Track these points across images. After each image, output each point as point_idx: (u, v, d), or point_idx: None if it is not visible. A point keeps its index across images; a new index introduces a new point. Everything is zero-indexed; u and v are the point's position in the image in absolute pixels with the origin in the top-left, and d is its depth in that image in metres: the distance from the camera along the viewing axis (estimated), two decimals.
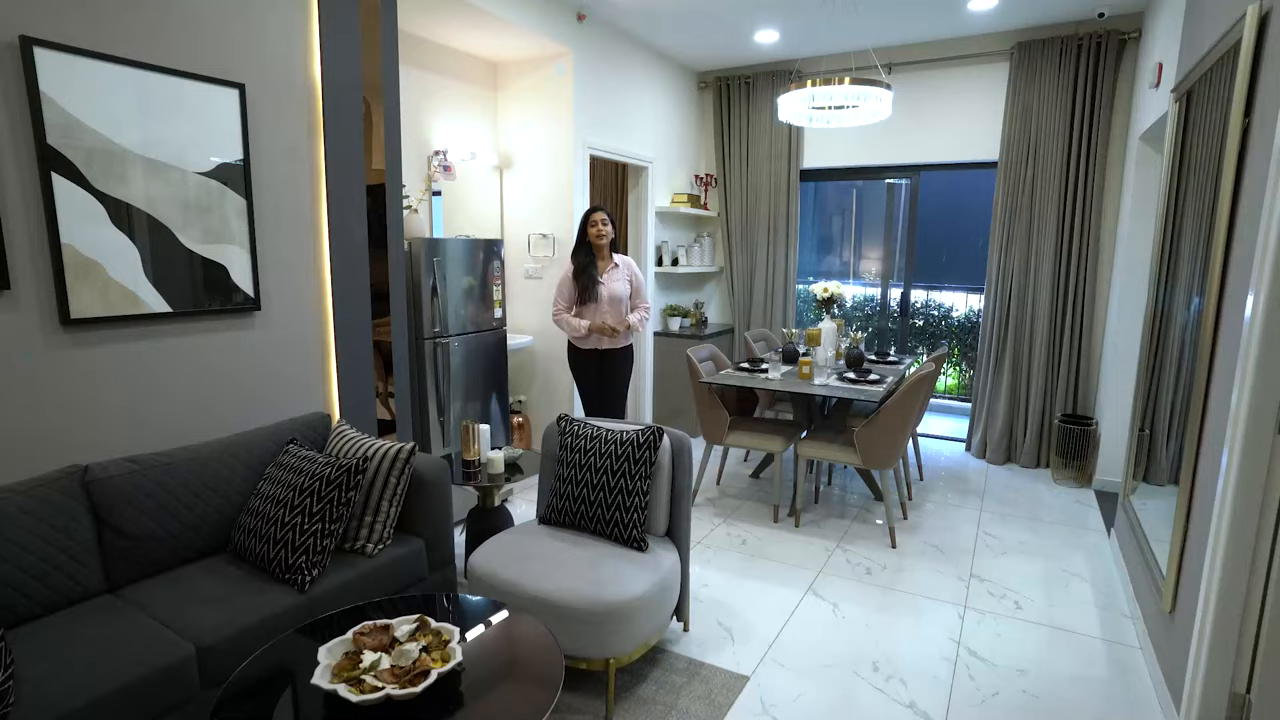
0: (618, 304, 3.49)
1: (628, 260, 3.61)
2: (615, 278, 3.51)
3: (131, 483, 1.94)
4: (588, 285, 3.43)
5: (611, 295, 3.47)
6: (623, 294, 3.51)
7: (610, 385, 3.60)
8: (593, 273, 3.45)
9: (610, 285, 3.47)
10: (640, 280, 3.61)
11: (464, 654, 1.63)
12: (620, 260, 3.55)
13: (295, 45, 2.53)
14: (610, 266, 3.51)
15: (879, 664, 2.34)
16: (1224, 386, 1.85)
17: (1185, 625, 1.96)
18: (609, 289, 3.47)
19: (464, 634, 1.72)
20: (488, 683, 1.56)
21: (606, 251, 3.50)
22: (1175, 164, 2.71)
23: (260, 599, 1.88)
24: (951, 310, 6.35)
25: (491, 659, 1.65)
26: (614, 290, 3.48)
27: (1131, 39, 4.03)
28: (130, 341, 2.15)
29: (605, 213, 3.47)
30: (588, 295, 3.44)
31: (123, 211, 2.09)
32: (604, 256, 3.50)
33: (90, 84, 1.99)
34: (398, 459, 2.24)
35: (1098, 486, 4.05)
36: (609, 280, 3.49)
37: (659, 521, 2.36)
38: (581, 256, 3.46)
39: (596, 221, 3.44)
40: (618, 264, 3.53)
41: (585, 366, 3.59)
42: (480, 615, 1.84)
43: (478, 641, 1.71)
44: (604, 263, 3.51)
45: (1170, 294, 2.66)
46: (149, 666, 1.61)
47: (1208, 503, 1.88)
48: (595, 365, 3.58)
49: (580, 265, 3.46)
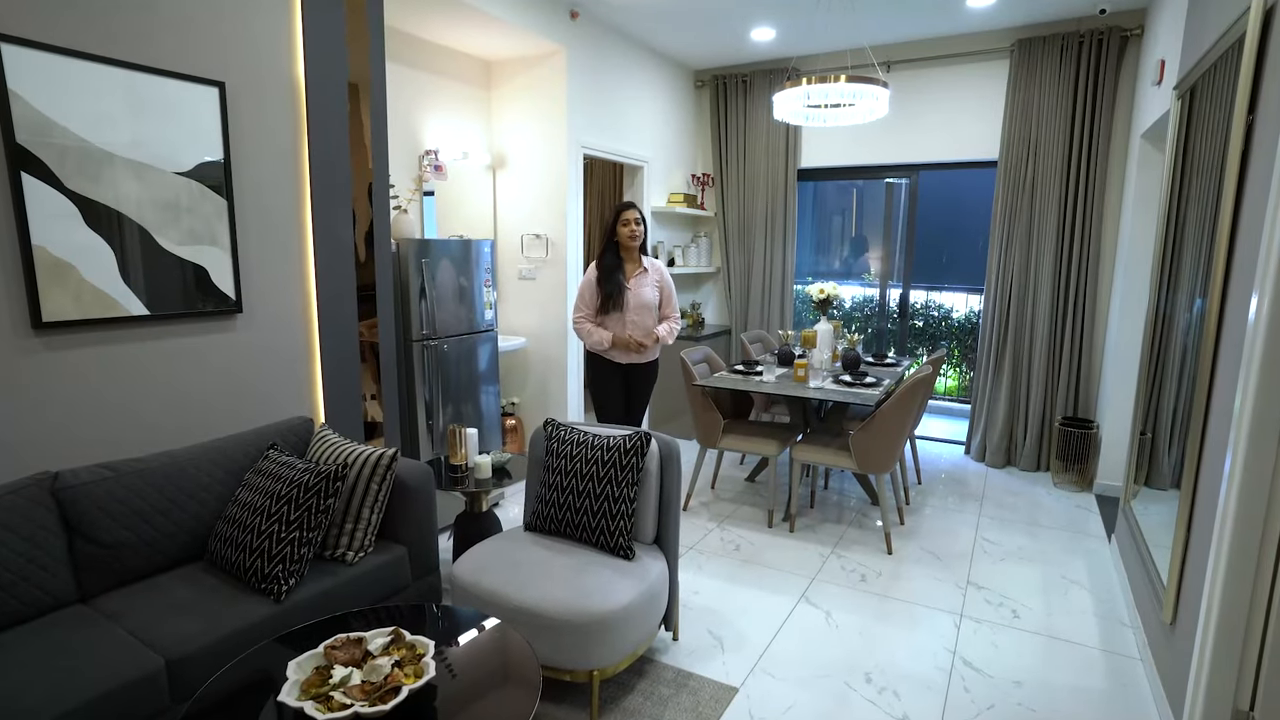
0: (645, 312, 3.17)
1: (658, 264, 3.28)
2: (643, 283, 3.19)
3: (104, 489, 1.90)
4: (613, 291, 3.11)
5: (639, 303, 3.15)
6: (651, 301, 3.19)
7: (635, 395, 3.34)
8: (619, 278, 3.13)
9: (638, 291, 3.15)
10: (670, 287, 3.28)
11: (440, 668, 1.58)
12: (649, 264, 3.23)
13: (277, 42, 2.48)
14: (639, 271, 3.19)
15: (872, 674, 2.28)
16: (1227, 390, 1.79)
17: (1186, 637, 1.91)
18: (636, 296, 3.14)
19: (442, 646, 1.68)
20: (461, 700, 1.51)
21: (636, 254, 3.19)
22: (1177, 162, 2.65)
23: (235, 609, 1.84)
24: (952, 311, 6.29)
25: (467, 673, 1.60)
26: (642, 297, 3.16)
27: (1134, 36, 3.96)
28: (106, 345, 2.11)
29: (638, 210, 3.14)
30: (612, 302, 3.12)
31: (98, 212, 2.05)
32: (633, 259, 3.19)
33: (62, 82, 1.94)
34: (379, 465, 2.19)
35: (1099, 491, 3.99)
36: (637, 286, 3.16)
37: (647, 529, 2.31)
38: (608, 259, 3.14)
39: (630, 220, 3.10)
40: (646, 268, 3.21)
41: (608, 379, 3.26)
42: (459, 626, 1.79)
43: (454, 655, 1.66)
44: (632, 266, 3.19)
45: (1173, 295, 2.61)
46: (117, 680, 1.56)
47: (1210, 510, 1.82)
48: (619, 378, 3.27)
49: (606, 269, 3.13)
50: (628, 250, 3.16)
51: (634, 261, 3.20)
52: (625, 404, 3.31)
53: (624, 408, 3.31)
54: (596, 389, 3.31)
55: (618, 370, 3.26)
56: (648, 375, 3.34)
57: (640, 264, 3.20)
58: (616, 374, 3.26)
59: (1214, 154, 2.15)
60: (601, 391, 3.28)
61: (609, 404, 3.28)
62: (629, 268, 3.18)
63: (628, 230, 3.10)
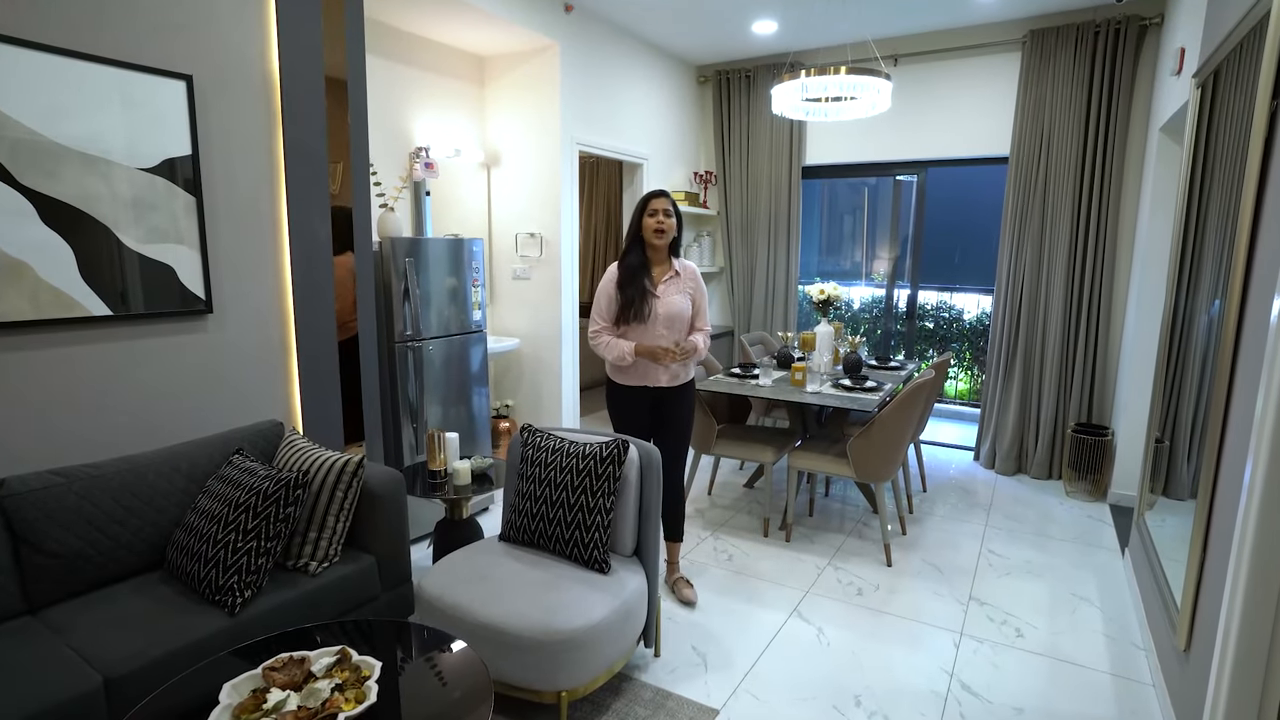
0: (676, 326, 2.55)
1: (691, 267, 2.65)
2: (674, 289, 2.57)
3: (53, 496, 1.83)
4: (636, 298, 2.50)
5: (668, 313, 2.53)
6: (682, 312, 2.57)
7: (669, 430, 2.66)
8: (644, 282, 2.53)
9: (668, 299, 2.54)
10: (704, 296, 2.67)
11: (387, 691, 1.48)
12: (682, 266, 2.62)
13: (249, 34, 2.41)
14: (669, 274, 2.58)
15: (862, 697, 2.15)
16: (1247, 395, 1.64)
17: (1201, 665, 1.76)
18: (666, 305, 2.53)
19: (393, 668, 1.58)
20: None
21: (665, 254, 2.59)
22: (1196, 154, 2.49)
23: (186, 623, 1.76)
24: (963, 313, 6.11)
25: (414, 698, 1.50)
26: (672, 307, 2.54)
27: (1153, 25, 3.79)
28: (64, 346, 2.04)
29: (670, 200, 2.54)
30: (636, 312, 2.51)
31: (55, 209, 1.98)
32: (662, 260, 2.59)
33: (15, 73, 1.88)
34: (344, 471, 2.10)
35: (1113, 501, 3.81)
36: (666, 293, 2.55)
37: (626, 541, 2.20)
38: (632, 258, 2.55)
39: (657, 210, 2.51)
40: (678, 271, 2.60)
41: (632, 407, 2.63)
42: (415, 645, 1.69)
43: (404, 677, 1.56)
44: (661, 268, 2.59)
45: (1192, 295, 2.45)
46: (49, 700, 1.48)
47: (1227, 526, 1.67)
48: (645, 406, 2.63)
49: (628, 270, 2.53)
50: (655, 249, 2.57)
51: (663, 263, 2.60)
52: (655, 437, 2.68)
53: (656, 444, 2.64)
54: (619, 423, 2.68)
55: (643, 399, 2.62)
56: (680, 402, 2.67)
57: (670, 266, 2.60)
58: (641, 404, 2.63)
59: (1235, 145, 2.00)
60: (624, 426, 2.66)
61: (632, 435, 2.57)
62: (658, 270, 2.59)
63: (654, 222, 2.51)
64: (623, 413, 2.67)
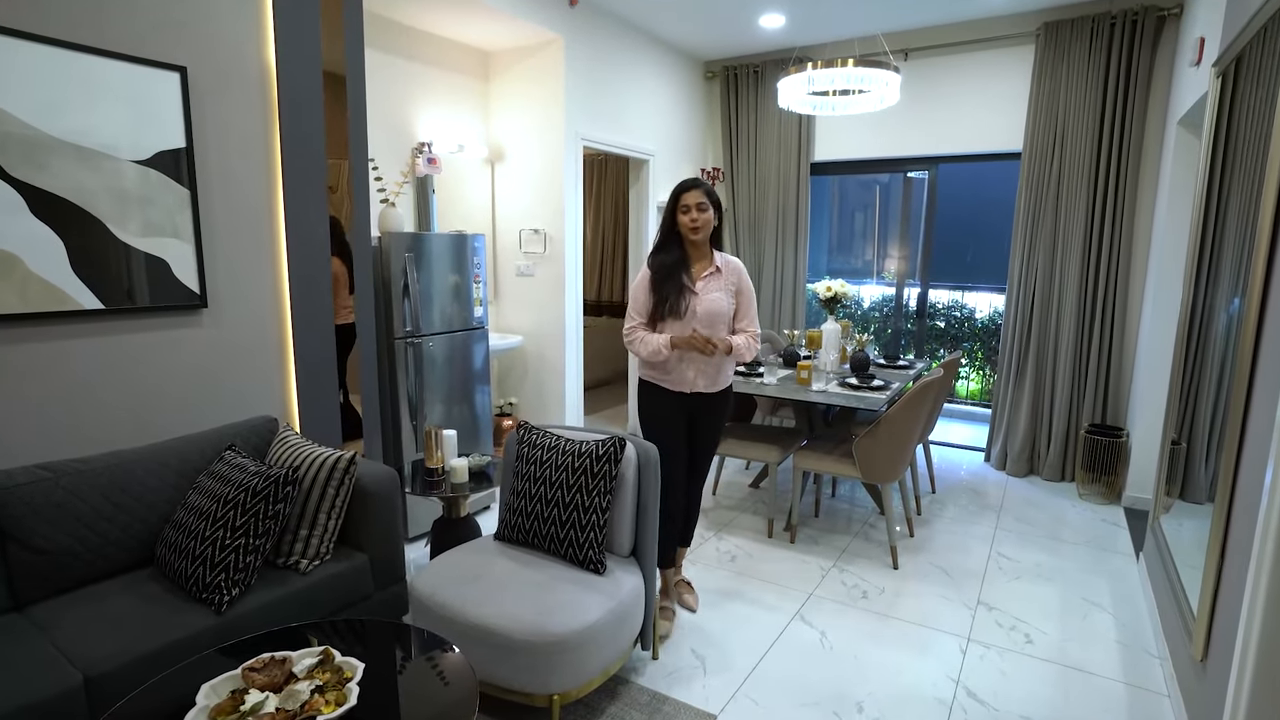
0: (715, 325, 2.37)
1: (735, 263, 2.47)
2: (714, 286, 2.39)
3: (40, 492, 1.80)
4: (672, 294, 2.34)
5: (707, 312, 2.36)
6: (723, 310, 2.39)
7: (699, 439, 2.51)
8: (681, 278, 2.37)
9: (707, 297, 2.37)
10: (750, 293, 2.47)
11: (368, 693, 1.44)
12: (723, 262, 2.43)
13: (245, 26, 2.38)
14: (709, 270, 2.40)
15: (864, 704, 2.09)
16: (1267, 395, 1.57)
17: (1219, 676, 1.69)
18: (705, 303, 2.36)
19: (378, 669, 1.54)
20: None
21: (706, 248, 2.41)
22: (1216, 147, 2.41)
23: (171, 621, 1.73)
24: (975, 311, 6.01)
25: (395, 700, 1.46)
26: (711, 305, 2.36)
27: (1172, 15, 3.69)
28: (55, 340, 2.02)
29: (705, 191, 2.35)
30: (672, 308, 2.34)
31: (46, 201, 1.96)
32: (702, 255, 2.42)
33: (5, 65, 1.86)
34: (336, 468, 2.07)
35: (1128, 504, 3.72)
36: (705, 290, 2.38)
37: (623, 541, 2.16)
38: (667, 255, 2.39)
39: (690, 205, 2.33)
40: (719, 268, 2.41)
41: (668, 412, 2.44)
42: (403, 646, 1.66)
43: (388, 679, 1.52)
44: (701, 264, 2.41)
45: (1211, 292, 2.36)
46: (27, 699, 1.45)
47: (1247, 531, 1.60)
48: (682, 412, 2.45)
49: (663, 266, 2.38)
50: (693, 244, 2.40)
51: (703, 258, 2.42)
52: (687, 445, 2.49)
53: (687, 453, 2.49)
54: (649, 429, 2.49)
55: (679, 405, 2.44)
56: (716, 408, 2.49)
57: (711, 261, 2.42)
58: (676, 408, 2.44)
59: (1257, 136, 1.92)
60: (655, 431, 2.46)
61: (668, 449, 2.40)
62: (697, 267, 2.41)
63: (688, 219, 2.33)
64: (654, 416, 2.47)
